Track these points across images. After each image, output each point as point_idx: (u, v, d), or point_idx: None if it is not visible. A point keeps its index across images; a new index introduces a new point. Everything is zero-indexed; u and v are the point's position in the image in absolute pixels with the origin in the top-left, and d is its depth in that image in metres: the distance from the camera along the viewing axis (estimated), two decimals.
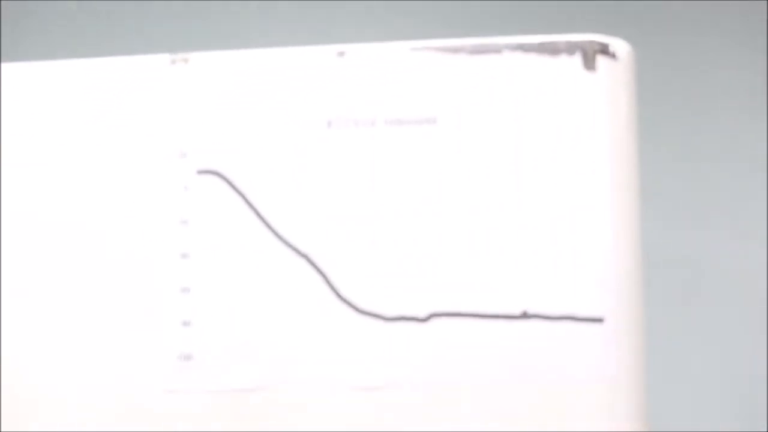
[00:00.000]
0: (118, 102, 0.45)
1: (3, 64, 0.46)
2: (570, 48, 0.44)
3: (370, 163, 0.44)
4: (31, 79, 0.46)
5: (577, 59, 0.44)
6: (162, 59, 0.46)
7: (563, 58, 0.44)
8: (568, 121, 0.43)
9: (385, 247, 0.44)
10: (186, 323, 0.44)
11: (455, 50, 0.44)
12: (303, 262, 0.44)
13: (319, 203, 0.44)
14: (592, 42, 0.44)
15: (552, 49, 0.44)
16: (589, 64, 0.44)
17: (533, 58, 0.44)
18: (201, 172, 0.45)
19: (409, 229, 0.44)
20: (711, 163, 1.01)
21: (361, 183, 0.44)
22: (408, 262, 0.43)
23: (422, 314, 0.43)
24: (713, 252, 1.00)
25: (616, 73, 0.44)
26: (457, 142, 0.44)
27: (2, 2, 1.02)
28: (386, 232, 0.44)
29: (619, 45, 0.45)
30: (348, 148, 0.44)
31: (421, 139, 0.44)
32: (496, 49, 0.44)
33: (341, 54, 0.45)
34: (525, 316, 0.43)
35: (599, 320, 0.43)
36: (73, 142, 0.45)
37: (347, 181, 0.44)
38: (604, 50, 0.44)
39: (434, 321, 0.43)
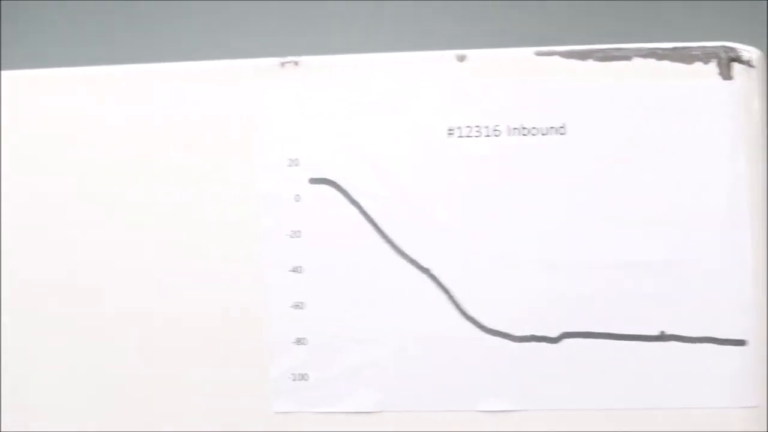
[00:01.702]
0: (226, 106, 0.43)
1: (103, 67, 0.44)
2: (705, 55, 0.42)
3: (495, 174, 0.42)
4: (130, 81, 0.44)
5: (712, 67, 0.42)
6: (271, 62, 0.43)
7: (698, 66, 0.42)
8: (705, 131, 0.41)
9: (512, 261, 0.41)
10: (300, 341, 0.42)
11: (583, 56, 0.42)
12: (424, 277, 0.42)
13: (440, 215, 0.42)
14: (726, 48, 0.42)
15: (686, 57, 0.42)
16: (724, 72, 0.42)
17: (666, 65, 0.42)
18: (314, 180, 0.43)
19: (539, 244, 0.41)
20: None
21: (485, 194, 0.42)
22: (537, 279, 0.41)
23: (553, 334, 0.41)
24: None
25: (751, 81, 0.42)
26: (586, 152, 0.42)
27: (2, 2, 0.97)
28: (513, 246, 0.41)
29: (752, 52, 0.42)
30: (471, 158, 0.42)
31: (548, 149, 0.42)
32: (626, 56, 0.42)
33: (461, 58, 0.43)
34: (662, 337, 0.41)
35: (741, 342, 0.40)
36: (176, 148, 0.43)
37: (470, 192, 0.42)
38: (739, 57, 0.42)
39: (566, 341, 0.41)
